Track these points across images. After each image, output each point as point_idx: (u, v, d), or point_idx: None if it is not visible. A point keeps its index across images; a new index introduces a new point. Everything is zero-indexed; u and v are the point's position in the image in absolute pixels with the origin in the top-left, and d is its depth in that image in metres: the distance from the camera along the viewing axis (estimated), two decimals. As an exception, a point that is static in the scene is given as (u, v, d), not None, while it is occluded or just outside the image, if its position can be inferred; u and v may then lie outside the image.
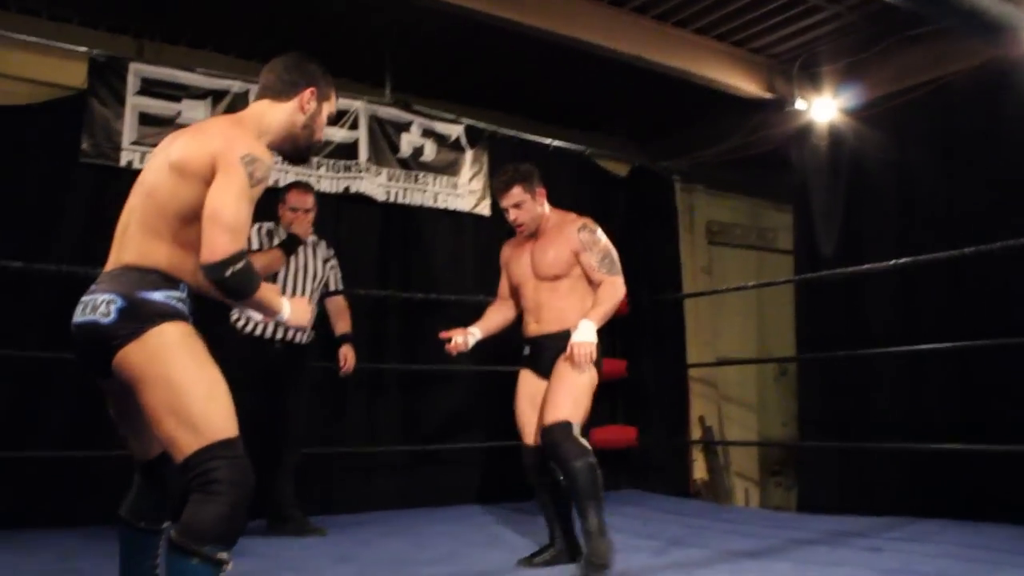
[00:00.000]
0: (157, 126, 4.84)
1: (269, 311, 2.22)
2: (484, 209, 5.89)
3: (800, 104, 5.76)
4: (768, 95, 5.83)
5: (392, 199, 5.53)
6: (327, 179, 5.29)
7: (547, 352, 3.52)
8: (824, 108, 5.79)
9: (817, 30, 5.38)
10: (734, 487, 7.20)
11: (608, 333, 6.45)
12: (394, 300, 5.53)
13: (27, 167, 4.59)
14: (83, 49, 4.75)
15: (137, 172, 4.63)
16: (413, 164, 5.63)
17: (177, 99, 4.93)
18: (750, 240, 7.93)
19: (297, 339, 4.27)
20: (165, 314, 2.04)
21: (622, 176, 6.82)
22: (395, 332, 5.55)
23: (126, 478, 4.59)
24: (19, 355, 4.35)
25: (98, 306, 2.05)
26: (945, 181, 5.25)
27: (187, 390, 1.97)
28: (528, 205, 3.56)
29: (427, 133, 5.73)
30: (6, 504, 4.24)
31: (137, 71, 4.84)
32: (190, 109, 4.94)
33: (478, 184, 5.91)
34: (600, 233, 3.59)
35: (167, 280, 2.09)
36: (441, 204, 5.70)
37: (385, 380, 5.45)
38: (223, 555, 1.90)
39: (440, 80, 5.91)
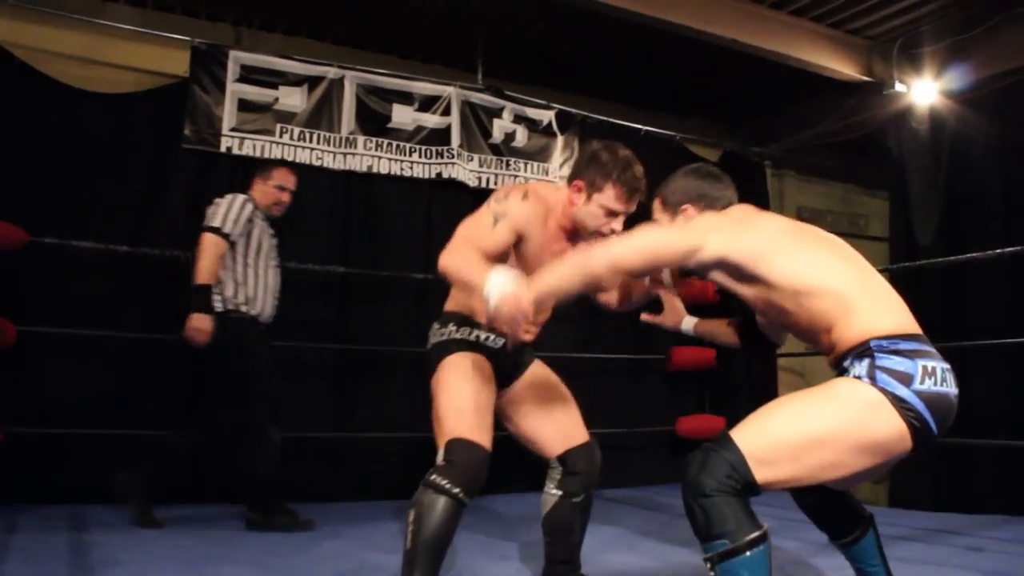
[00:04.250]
0: (255, 112, 4.98)
1: None
2: (574, 195, 5.87)
3: (899, 87, 5.58)
4: (865, 78, 5.67)
5: (483, 185, 5.52)
6: (419, 164, 5.34)
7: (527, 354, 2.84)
8: (925, 91, 5.60)
9: (919, 9, 5.19)
10: (821, 479, 7.05)
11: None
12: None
13: (132, 153, 4.77)
14: (185, 38, 4.88)
15: (236, 158, 4.89)
16: (504, 150, 5.64)
17: (275, 86, 5.04)
18: (841, 227, 7.72)
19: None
20: None
21: (713, 161, 6.72)
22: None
23: (225, 458, 4.68)
24: (121, 336, 4.56)
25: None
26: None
27: None
28: None
29: (519, 119, 5.74)
30: (108, 480, 4.42)
31: (236, 58, 4.96)
32: (287, 96, 5.06)
33: (568, 170, 5.88)
34: None
35: None
36: (532, 190, 5.69)
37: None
38: None
39: (531, 65, 5.91)
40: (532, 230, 2.55)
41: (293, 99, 5.07)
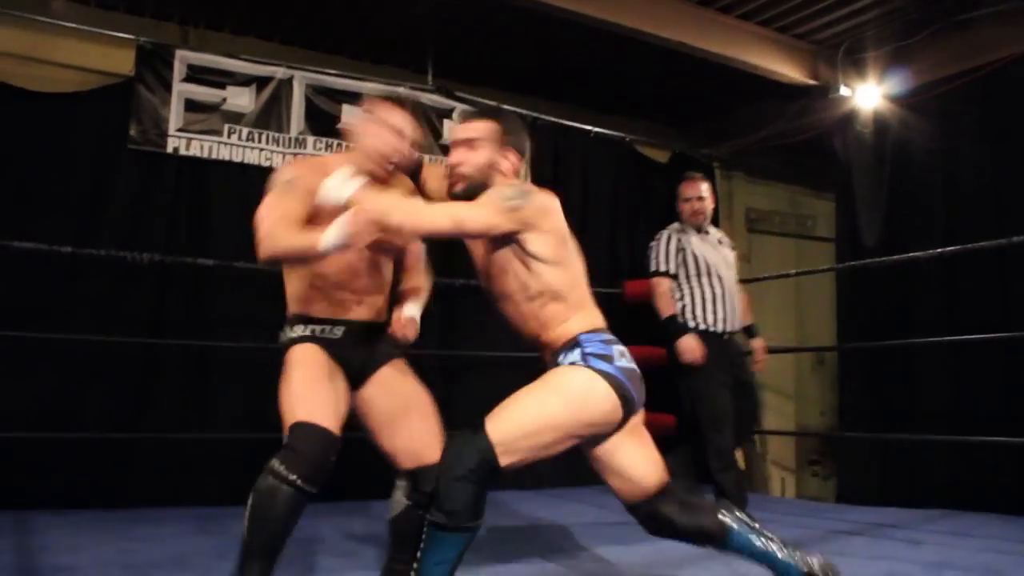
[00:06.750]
0: (202, 112, 4.93)
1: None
2: (525, 195, 5.89)
3: (844, 91, 5.69)
4: (811, 81, 5.76)
5: (433, 185, 5.51)
6: (370, 165, 5.31)
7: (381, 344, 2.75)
8: (868, 95, 5.72)
9: (863, 15, 5.29)
10: (770, 476, 7.17)
11: (647, 320, 6.50)
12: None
13: (77, 153, 4.69)
14: (131, 36, 4.81)
15: (183, 159, 4.84)
16: (455, 150, 5.62)
17: (222, 86, 4.99)
18: (789, 228, 7.86)
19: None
20: None
21: (662, 163, 6.79)
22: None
23: (171, 461, 4.69)
24: (67, 338, 4.46)
25: None
26: (992, 170, 5.17)
27: None
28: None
29: (469, 119, 5.72)
30: (53, 485, 4.36)
31: (183, 58, 4.90)
32: (235, 96, 5.01)
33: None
34: None
35: None
36: (482, 190, 5.70)
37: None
38: None
39: (482, 66, 5.91)
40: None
41: (241, 99, 5.02)
